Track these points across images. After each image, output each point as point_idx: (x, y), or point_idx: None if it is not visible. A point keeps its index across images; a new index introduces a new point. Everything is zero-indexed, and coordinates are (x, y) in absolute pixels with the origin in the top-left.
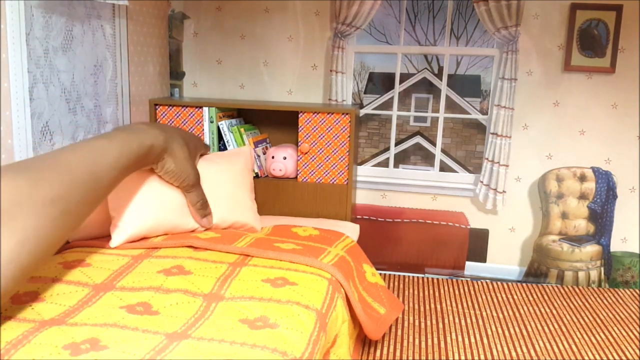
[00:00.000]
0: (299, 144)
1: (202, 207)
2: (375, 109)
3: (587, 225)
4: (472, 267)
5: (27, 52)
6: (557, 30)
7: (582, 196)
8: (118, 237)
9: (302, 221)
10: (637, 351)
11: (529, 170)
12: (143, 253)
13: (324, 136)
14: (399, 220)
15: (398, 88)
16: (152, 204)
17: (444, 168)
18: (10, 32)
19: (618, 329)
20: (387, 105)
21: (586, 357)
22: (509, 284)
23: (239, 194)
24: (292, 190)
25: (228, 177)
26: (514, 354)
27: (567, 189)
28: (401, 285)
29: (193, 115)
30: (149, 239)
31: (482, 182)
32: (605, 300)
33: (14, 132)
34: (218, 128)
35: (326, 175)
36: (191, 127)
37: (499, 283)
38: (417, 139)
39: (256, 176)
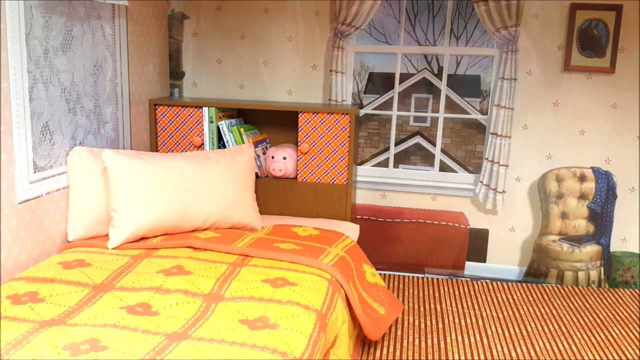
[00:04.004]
0: (299, 144)
1: None
2: (375, 109)
3: (587, 225)
4: (472, 267)
5: (27, 52)
6: (557, 30)
7: (582, 196)
8: (116, 238)
9: (302, 221)
10: (637, 351)
11: (529, 170)
12: (143, 253)
13: (323, 136)
14: (399, 220)
15: (398, 88)
16: (151, 205)
17: (444, 168)
18: (10, 32)
19: (618, 329)
20: (387, 105)
21: (586, 357)
22: (509, 284)
23: (241, 194)
24: (292, 190)
25: (231, 176)
26: (514, 354)
27: (567, 189)
28: (401, 285)
29: (193, 115)
30: (148, 239)
31: (482, 182)
32: (605, 300)
33: (14, 132)
34: (218, 128)
35: (326, 175)
36: (191, 127)
37: (498, 283)
38: (417, 139)
39: (256, 176)
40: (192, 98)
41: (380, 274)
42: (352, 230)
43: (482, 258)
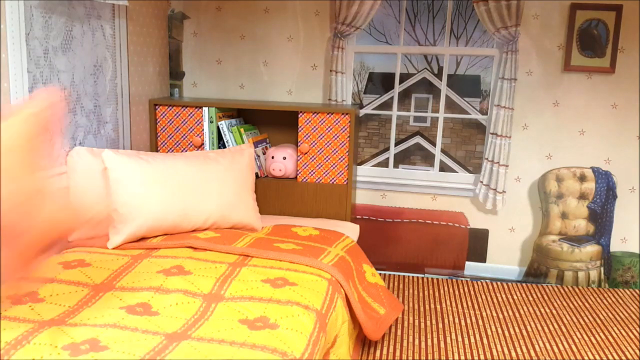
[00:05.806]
0: (299, 144)
1: None
2: (375, 109)
3: (587, 225)
4: (472, 267)
5: (27, 52)
6: (557, 30)
7: (582, 196)
8: (116, 238)
9: (302, 221)
10: (637, 351)
11: (529, 170)
12: (143, 253)
13: (323, 136)
14: (399, 220)
15: (398, 88)
16: (151, 205)
17: (443, 168)
18: (10, 32)
19: (618, 329)
20: (387, 105)
21: (586, 357)
22: (509, 284)
23: (241, 194)
24: (292, 190)
25: (231, 176)
26: (514, 354)
27: (567, 189)
28: (401, 285)
29: (193, 115)
30: (147, 239)
31: (482, 182)
32: (605, 300)
33: None
34: (218, 128)
35: (326, 175)
36: (191, 127)
37: (498, 283)
38: (417, 139)
39: (256, 176)
40: (192, 98)
41: (380, 274)
42: (352, 231)
43: (482, 258)
